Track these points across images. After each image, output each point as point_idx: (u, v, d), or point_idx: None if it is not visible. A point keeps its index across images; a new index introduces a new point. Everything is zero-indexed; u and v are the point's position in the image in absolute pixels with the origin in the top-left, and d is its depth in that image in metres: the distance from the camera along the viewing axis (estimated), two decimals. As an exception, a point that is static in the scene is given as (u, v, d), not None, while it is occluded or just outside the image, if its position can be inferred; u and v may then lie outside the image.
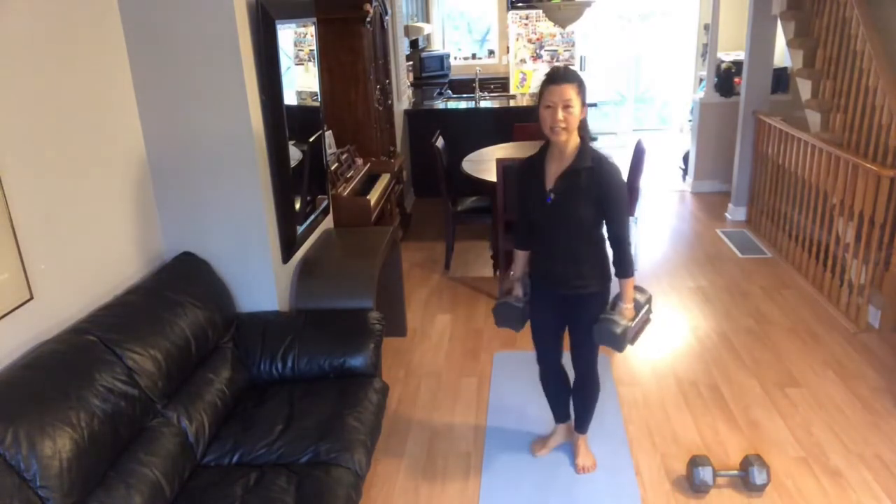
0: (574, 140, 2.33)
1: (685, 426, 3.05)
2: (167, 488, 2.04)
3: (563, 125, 2.25)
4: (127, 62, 2.57)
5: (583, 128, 2.34)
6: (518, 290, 2.65)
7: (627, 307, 2.46)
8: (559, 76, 2.26)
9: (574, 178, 2.34)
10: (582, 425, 2.80)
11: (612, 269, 2.50)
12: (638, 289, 2.52)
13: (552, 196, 2.37)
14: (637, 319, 2.48)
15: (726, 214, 5.83)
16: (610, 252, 2.47)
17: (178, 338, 2.36)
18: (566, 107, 2.23)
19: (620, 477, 2.71)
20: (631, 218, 4.60)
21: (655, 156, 7.81)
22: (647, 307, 2.54)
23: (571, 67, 2.43)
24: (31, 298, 2.04)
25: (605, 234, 2.44)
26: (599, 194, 2.33)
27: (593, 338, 2.49)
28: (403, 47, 6.45)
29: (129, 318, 2.25)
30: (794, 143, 4.66)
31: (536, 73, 7.68)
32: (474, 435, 3.05)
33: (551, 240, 2.48)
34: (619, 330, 2.42)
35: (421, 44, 8.14)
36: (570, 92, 2.23)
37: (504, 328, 2.71)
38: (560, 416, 2.90)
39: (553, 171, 2.39)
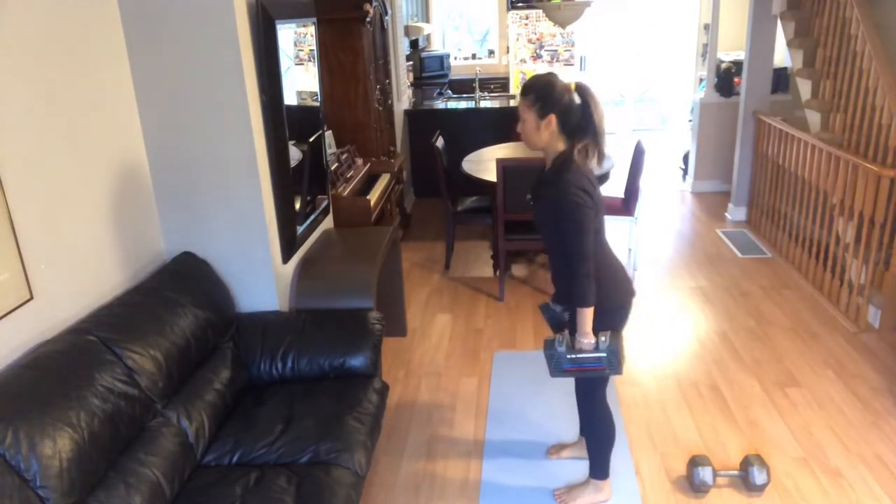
0: (557, 147, 2.26)
1: (685, 426, 3.05)
2: (167, 488, 2.04)
3: (520, 133, 2.34)
4: (127, 62, 2.57)
5: (565, 132, 2.24)
6: None
7: (578, 340, 2.26)
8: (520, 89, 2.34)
9: (542, 185, 2.31)
10: (590, 463, 2.61)
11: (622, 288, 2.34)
12: (612, 333, 2.28)
13: (529, 197, 2.38)
14: (579, 356, 2.28)
15: (726, 214, 5.83)
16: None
17: (178, 338, 2.36)
18: (521, 120, 2.32)
19: (620, 476, 2.71)
20: (630, 218, 4.61)
21: (655, 156, 7.81)
22: (602, 355, 2.26)
23: (538, 77, 2.32)
24: (31, 298, 2.04)
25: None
26: (554, 208, 2.22)
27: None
28: (403, 47, 6.45)
29: (129, 318, 2.25)
30: (794, 143, 4.66)
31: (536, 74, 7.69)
32: (474, 435, 3.05)
33: None
34: (547, 352, 2.32)
35: (421, 44, 8.14)
36: (521, 105, 2.31)
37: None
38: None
39: None
